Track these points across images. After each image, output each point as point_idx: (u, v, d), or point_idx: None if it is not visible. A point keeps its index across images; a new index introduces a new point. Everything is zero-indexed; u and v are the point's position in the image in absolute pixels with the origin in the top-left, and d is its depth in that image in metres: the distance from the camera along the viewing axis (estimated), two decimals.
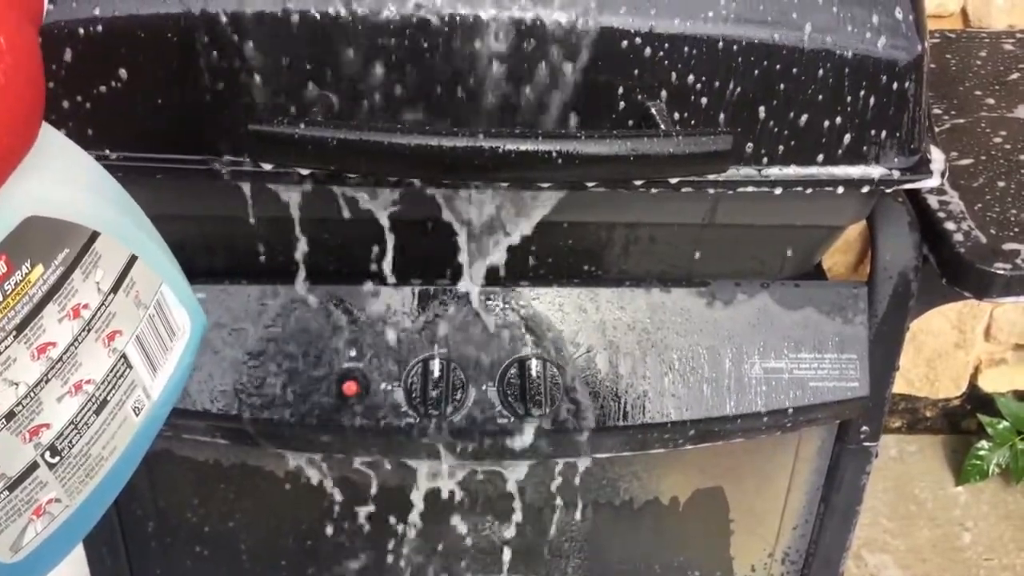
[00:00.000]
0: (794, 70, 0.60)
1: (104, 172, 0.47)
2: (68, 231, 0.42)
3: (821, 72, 0.60)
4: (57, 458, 0.43)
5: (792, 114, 0.61)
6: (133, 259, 0.46)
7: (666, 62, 0.58)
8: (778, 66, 0.59)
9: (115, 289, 0.45)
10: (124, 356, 0.46)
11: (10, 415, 0.40)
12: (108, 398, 0.45)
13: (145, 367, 0.47)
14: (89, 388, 0.44)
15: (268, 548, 0.84)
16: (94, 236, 0.43)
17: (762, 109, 0.61)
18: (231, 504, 0.81)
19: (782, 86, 0.60)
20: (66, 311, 0.42)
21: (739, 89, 0.60)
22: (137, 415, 0.47)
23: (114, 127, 0.59)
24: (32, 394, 0.41)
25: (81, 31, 0.56)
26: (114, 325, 0.45)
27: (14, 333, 0.40)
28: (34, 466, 0.42)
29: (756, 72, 0.59)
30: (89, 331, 0.43)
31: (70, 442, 0.43)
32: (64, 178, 0.43)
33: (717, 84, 0.59)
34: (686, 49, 0.58)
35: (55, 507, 0.44)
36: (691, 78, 0.59)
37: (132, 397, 0.47)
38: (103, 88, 0.58)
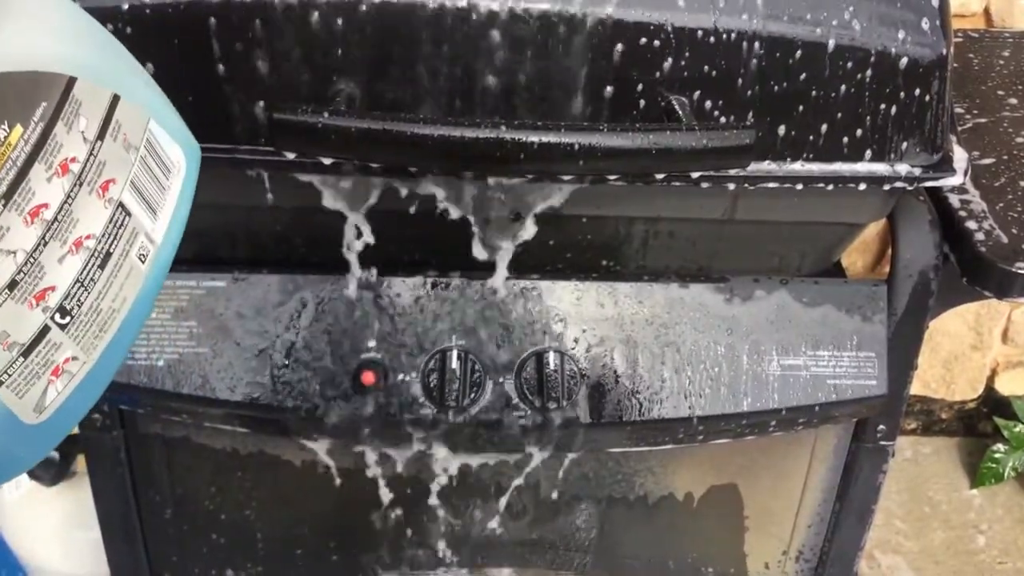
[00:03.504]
0: (818, 67, 0.60)
1: (72, 4, 0.44)
2: (43, 82, 0.39)
3: (845, 70, 0.60)
4: (68, 318, 0.42)
5: (815, 111, 0.61)
6: (116, 99, 0.43)
7: (690, 57, 0.58)
8: (802, 63, 0.59)
9: (101, 136, 0.42)
10: (121, 205, 0.44)
11: (12, 284, 0.39)
12: (111, 250, 0.44)
13: (145, 212, 0.45)
14: (90, 244, 0.42)
15: (284, 536, 0.84)
16: (71, 82, 0.40)
17: (785, 105, 0.61)
18: (248, 492, 0.81)
19: (805, 83, 0.60)
20: (54, 169, 0.40)
21: (762, 85, 0.60)
22: (143, 262, 0.46)
23: None
24: (32, 260, 0.40)
25: (107, 21, 0.57)
26: (106, 174, 0.43)
27: (2, 201, 0.38)
28: (45, 329, 0.41)
29: (779, 68, 0.59)
30: (81, 185, 0.41)
31: (78, 301, 0.42)
32: (29, 23, 0.40)
33: (741, 80, 0.59)
34: (711, 45, 0.58)
35: (73, 365, 0.43)
36: (715, 74, 0.59)
37: (136, 245, 0.45)
38: None
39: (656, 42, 0.58)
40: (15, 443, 0.42)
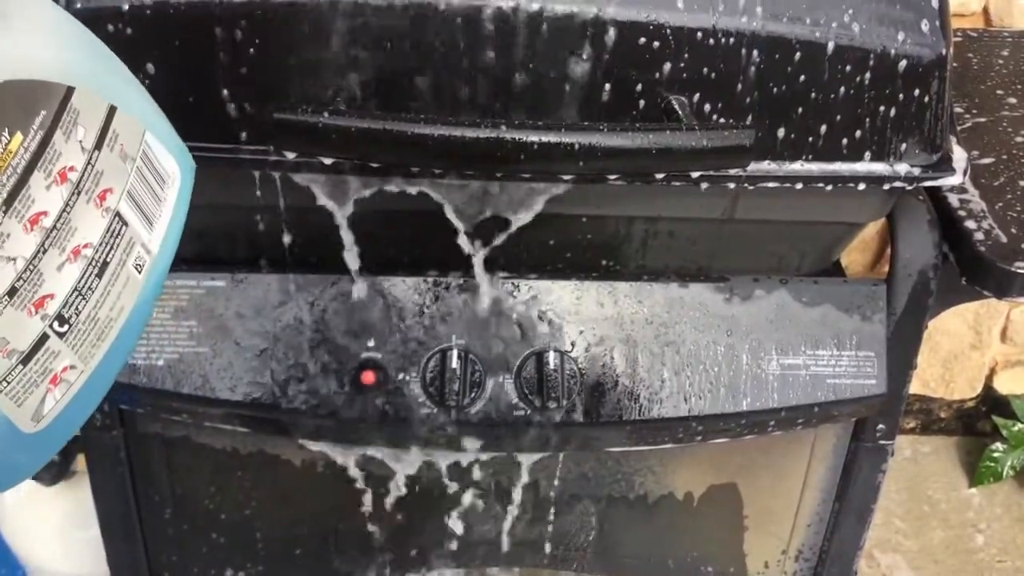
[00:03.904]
0: (818, 67, 0.60)
1: (70, 18, 0.44)
2: (42, 91, 0.40)
3: (845, 69, 0.60)
4: (66, 326, 0.42)
5: (815, 111, 0.61)
6: (113, 110, 0.44)
7: (690, 58, 0.58)
8: (802, 63, 0.59)
9: (99, 146, 0.43)
10: (118, 214, 0.44)
11: (12, 291, 0.40)
12: (108, 259, 0.44)
13: (141, 222, 0.46)
14: (88, 252, 0.43)
15: (284, 536, 0.84)
16: (70, 92, 0.41)
17: (785, 104, 0.61)
18: (247, 492, 0.81)
19: (805, 83, 0.60)
20: (52, 177, 0.41)
21: (762, 85, 0.60)
22: (140, 272, 0.46)
23: None
24: (31, 267, 0.40)
25: (108, 21, 0.57)
26: (103, 184, 0.43)
27: (3, 208, 0.39)
28: (44, 337, 0.42)
29: (779, 68, 0.59)
30: (79, 194, 0.42)
31: (76, 309, 0.43)
32: (30, 33, 0.41)
33: (741, 80, 0.59)
34: (711, 45, 0.58)
35: (71, 374, 0.43)
36: (715, 74, 0.59)
37: (132, 255, 0.46)
38: None
39: (656, 42, 0.58)
40: (14, 451, 0.42)
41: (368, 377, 0.69)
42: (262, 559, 0.85)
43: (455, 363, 0.69)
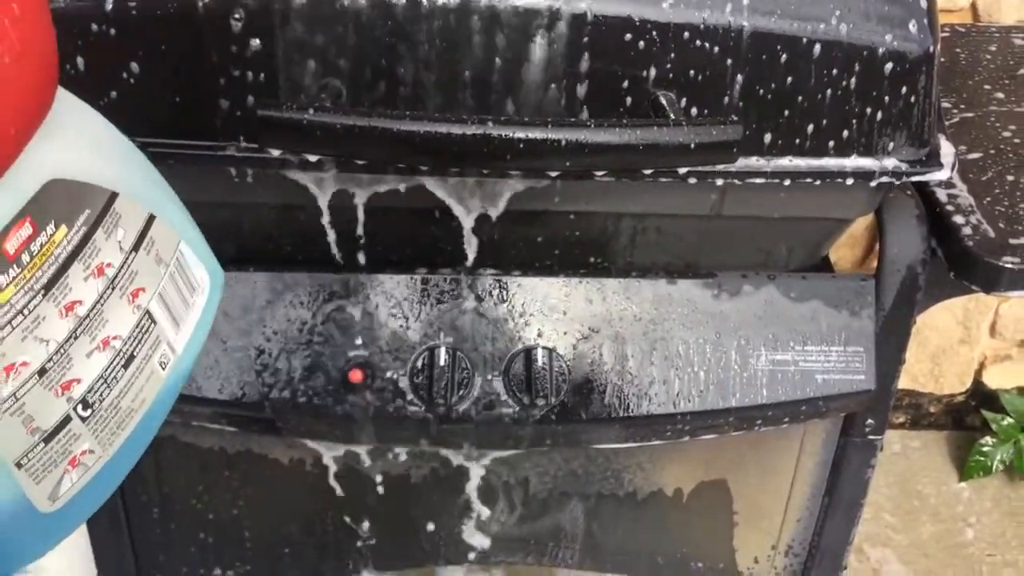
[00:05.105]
0: (806, 62, 0.60)
1: (119, 134, 0.48)
2: (89, 193, 0.43)
3: (833, 64, 0.60)
4: (89, 411, 0.44)
5: (803, 107, 0.61)
6: (152, 218, 0.47)
7: (679, 53, 0.58)
8: (790, 58, 0.59)
9: (136, 248, 0.46)
10: (148, 312, 0.47)
11: (42, 371, 0.42)
12: (135, 353, 0.46)
13: (168, 323, 0.48)
14: (116, 344, 0.45)
15: (272, 535, 0.84)
16: (113, 197, 0.45)
17: (772, 100, 0.61)
18: (235, 491, 0.81)
19: (793, 78, 0.60)
20: (91, 270, 0.43)
21: (749, 80, 0.60)
22: (163, 369, 0.49)
23: (125, 112, 0.59)
24: (62, 350, 0.43)
25: (92, 21, 0.56)
26: (137, 283, 0.46)
27: (42, 292, 0.41)
28: (67, 419, 0.43)
29: (767, 63, 0.59)
30: (113, 289, 0.45)
31: (100, 396, 0.45)
32: (82, 141, 0.45)
33: (728, 75, 0.59)
34: (700, 41, 0.58)
35: (89, 458, 0.45)
36: (703, 68, 0.59)
37: (158, 352, 0.48)
38: (115, 75, 0.58)
39: (643, 39, 0.58)
40: (26, 530, 0.44)
41: (356, 375, 0.69)
42: (250, 558, 0.85)
43: (443, 361, 0.69)
